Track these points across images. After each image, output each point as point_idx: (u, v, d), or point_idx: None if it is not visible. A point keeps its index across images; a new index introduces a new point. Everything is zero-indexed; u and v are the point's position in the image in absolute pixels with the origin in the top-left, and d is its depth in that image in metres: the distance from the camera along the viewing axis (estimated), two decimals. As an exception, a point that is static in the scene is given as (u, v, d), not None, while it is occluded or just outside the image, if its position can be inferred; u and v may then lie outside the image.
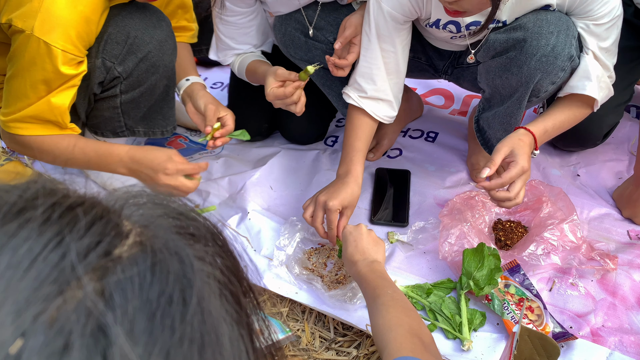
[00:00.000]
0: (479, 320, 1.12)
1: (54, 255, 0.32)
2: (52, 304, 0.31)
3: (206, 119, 1.25)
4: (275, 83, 1.25)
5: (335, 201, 1.18)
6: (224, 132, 1.26)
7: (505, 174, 1.09)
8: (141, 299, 0.32)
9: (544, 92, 1.22)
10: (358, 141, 1.28)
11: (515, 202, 1.11)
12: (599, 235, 1.32)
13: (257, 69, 1.39)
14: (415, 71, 1.53)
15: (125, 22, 1.16)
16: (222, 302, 0.36)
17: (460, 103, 1.87)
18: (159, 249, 0.35)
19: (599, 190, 1.46)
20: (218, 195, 1.50)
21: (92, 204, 0.37)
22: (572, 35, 1.14)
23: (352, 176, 1.24)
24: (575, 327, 1.11)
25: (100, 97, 1.25)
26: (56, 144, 1.15)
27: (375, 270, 1.01)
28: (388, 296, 0.90)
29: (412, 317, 0.87)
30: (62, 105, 1.10)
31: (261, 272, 1.24)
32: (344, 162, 1.28)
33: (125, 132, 1.34)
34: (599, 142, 1.51)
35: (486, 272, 1.14)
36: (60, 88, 1.09)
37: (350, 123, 1.32)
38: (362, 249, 1.07)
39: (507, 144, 1.12)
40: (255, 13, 1.43)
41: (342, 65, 1.28)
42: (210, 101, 1.27)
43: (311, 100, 1.61)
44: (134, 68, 1.19)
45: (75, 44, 1.06)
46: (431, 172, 1.55)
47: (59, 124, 1.14)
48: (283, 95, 1.23)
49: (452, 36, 1.29)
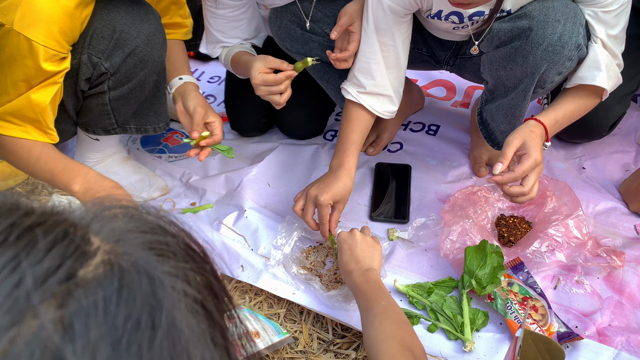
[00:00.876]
0: (482, 320, 1.09)
1: (8, 282, 0.30)
2: (5, 336, 0.28)
3: (194, 122, 1.21)
4: (265, 68, 1.20)
5: (327, 195, 1.15)
6: (210, 142, 1.22)
7: (518, 167, 1.05)
8: (105, 325, 0.30)
9: (549, 83, 1.18)
10: (353, 133, 1.25)
11: (530, 196, 1.07)
12: (605, 230, 1.28)
13: (240, 57, 1.34)
14: (416, 62, 1.49)
15: (111, 16, 1.12)
16: (196, 321, 0.34)
17: (463, 94, 1.82)
18: (127, 268, 0.33)
19: (605, 184, 1.42)
20: (214, 192, 1.47)
21: (55, 222, 0.34)
22: (580, 23, 1.10)
23: (345, 169, 1.20)
24: (581, 326, 1.08)
25: (89, 94, 1.21)
26: (29, 151, 1.11)
27: (370, 279, 0.98)
28: (381, 307, 0.88)
29: (404, 329, 0.85)
30: (43, 103, 1.06)
31: (258, 271, 1.21)
32: (338, 154, 1.24)
33: (117, 129, 1.31)
34: (604, 133, 1.47)
35: (489, 271, 1.10)
36: (40, 85, 1.05)
37: (346, 116, 1.28)
38: (357, 256, 1.04)
39: (518, 136, 1.08)
40: (246, 7, 1.39)
41: (343, 58, 1.24)
42: (200, 104, 1.23)
43: (310, 94, 1.57)
44: (121, 63, 1.16)
45: (58, 40, 1.02)
46: (432, 166, 1.52)
47: (39, 123, 1.10)
48: (273, 81, 1.19)
49: (455, 27, 1.25)
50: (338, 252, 1.09)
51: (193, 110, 1.21)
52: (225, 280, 1.23)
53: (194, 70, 2.11)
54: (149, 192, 1.45)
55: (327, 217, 1.16)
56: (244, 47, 1.42)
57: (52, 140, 1.15)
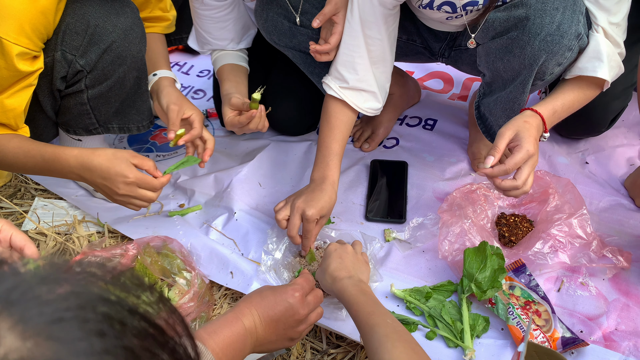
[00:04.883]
0: (482, 326, 1.04)
1: None
2: None
3: (169, 121, 1.15)
4: (231, 112, 1.24)
5: (314, 210, 1.10)
6: (188, 138, 1.15)
7: (509, 159, 1.00)
8: None
9: (549, 74, 1.12)
10: (335, 143, 1.19)
11: (523, 190, 1.01)
12: (610, 228, 1.23)
13: (222, 82, 1.36)
14: (410, 54, 1.43)
15: (85, 10, 1.05)
16: None
17: (460, 87, 1.76)
18: None
19: (610, 179, 1.36)
20: (203, 193, 1.41)
21: None
22: (579, 11, 1.04)
23: (329, 182, 1.15)
24: (586, 331, 1.03)
25: (66, 93, 1.15)
26: (2, 147, 1.04)
27: (366, 292, 0.92)
28: (389, 327, 0.81)
29: (420, 355, 0.78)
30: (18, 108, 1.00)
31: (248, 278, 1.16)
32: (320, 165, 1.19)
33: (99, 129, 1.25)
34: (604, 129, 1.42)
35: (489, 274, 1.05)
36: (15, 88, 0.99)
37: (327, 120, 1.21)
38: (347, 266, 0.99)
39: (511, 127, 1.03)
40: (231, 7, 1.34)
41: (323, 50, 1.18)
42: (174, 100, 1.17)
43: (300, 88, 1.51)
44: (97, 60, 1.09)
45: (30, 37, 0.96)
46: (430, 162, 1.46)
47: (10, 126, 1.05)
48: (238, 124, 1.22)
49: (448, 17, 1.19)
50: (325, 258, 1.03)
51: (166, 109, 1.15)
52: (215, 287, 1.18)
53: (183, 64, 2.04)
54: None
55: (313, 232, 1.12)
56: (232, 53, 1.40)
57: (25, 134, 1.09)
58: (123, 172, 1.01)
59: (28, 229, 1.33)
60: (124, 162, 1.01)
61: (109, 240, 1.29)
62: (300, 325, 0.87)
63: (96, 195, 1.40)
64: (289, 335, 0.86)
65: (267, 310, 0.83)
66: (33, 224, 1.34)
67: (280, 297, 0.85)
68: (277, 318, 0.83)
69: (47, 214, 1.38)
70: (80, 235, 1.30)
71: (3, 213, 1.41)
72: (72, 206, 1.39)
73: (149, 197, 1.05)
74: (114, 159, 1.01)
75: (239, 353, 0.79)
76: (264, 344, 0.83)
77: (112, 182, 1.01)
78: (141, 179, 1.03)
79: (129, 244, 1.13)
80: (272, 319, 0.83)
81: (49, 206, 1.41)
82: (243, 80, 1.38)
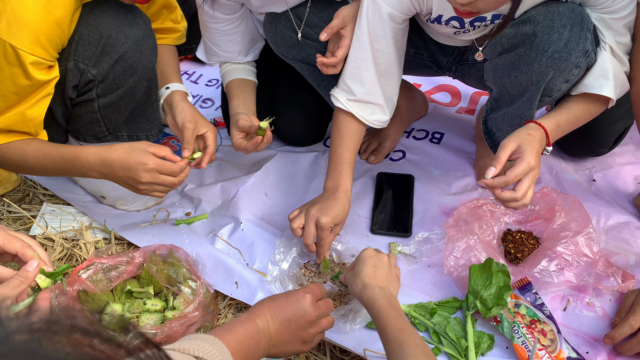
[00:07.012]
0: (487, 344, 1.03)
1: None
2: None
3: (184, 139, 1.16)
4: (239, 134, 1.26)
5: (329, 218, 1.11)
6: (207, 159, 1.18)
7: (510, 171, 1.00)
8: None
9: (556, 91, 1.13)
10: (347, 152, 1.20)
11: (523, 202, 1.02)
12: (617, 246, 1.22)
13: (231, 99, 1.38)
14: (417, 68, 1.43)
15: (98, 20, 1.07)
16: None
17: (468, 101, 1.77)
18: None
19: (617, 196, 1.36)
20: (210, 202, 1.42)
21: None
22: (587, 28, 1.05)
23: (342, 191, 1.16)
24: (592, 352, 1.02)
25: (78, 102, 1.16)
26: (22, 151, 1.06)
27: (396, 307, 0.91)
28: (419, 348, 0.81)
29: None
30: (38, 117, 1.03)
31: (253, 288, 1.16)
32: (333, 175, 1.20)
33: (108, 137, 1.26)
34: (606, 150, 1.42)
35: (494, 291, 1.05)
36: (35, 98, 1.01)
37: (337, 130, 1.23)
38: (381, 276, 0.97)
39: (513, 139, 1.03)
40: (240, 20, 1.35)
41: (330, 63, 1.19)
42: (189, 118, 1.18)
43: (307, 99, 1.52)
44: (109, 70, 1.11)
45: (45, 48, 0.97)
46: (436, 176, 1.46)
47: (30, 134, 1.07)
48: (244, 150, 1.26)
49: (456, 32, 1.19)
50: (359, 262, 1.01)
51: (182, 127, 1.17)
52: (220, 296, 1.18)
53: (192, 73, 2.06)
54: (143, 201, 1.40)
55: (328, 239, 1.13)
56: (240, 67, 1.41)
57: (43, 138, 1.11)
58: (142, 159, 1.03)
59: (36, 234, 1.34)
60: (141, 151, 1.04)
61: (116, 247, 1.30)
62: (312, 328, 0.88)
63: (103, 202, 1.41)
64: (301, 336, 0.87)
65: (279, 310, 0.86)
66: (41, 229, 1.35)
67: (292, 297, 0.88)
68: (289, 317, 0.86)
69: (54, 220, 1.38)
70: (87, 241, 1.31)
71: (11, 217, 1.42)
72: (80, 212, 1.40)
73: (171, 181, 1.07)
74: (131, 150, 1.03)
75: (252, 350, 0.81)
76: (277, 344, 0.85)
77: (134, 171, 1.03)
78: (160, 164, 1.05)
79: (135, 252, 1.13)
80: (284, 318, 0.85)
81: (57, 212, 1.42)
82: (251, 96, 1.39)
